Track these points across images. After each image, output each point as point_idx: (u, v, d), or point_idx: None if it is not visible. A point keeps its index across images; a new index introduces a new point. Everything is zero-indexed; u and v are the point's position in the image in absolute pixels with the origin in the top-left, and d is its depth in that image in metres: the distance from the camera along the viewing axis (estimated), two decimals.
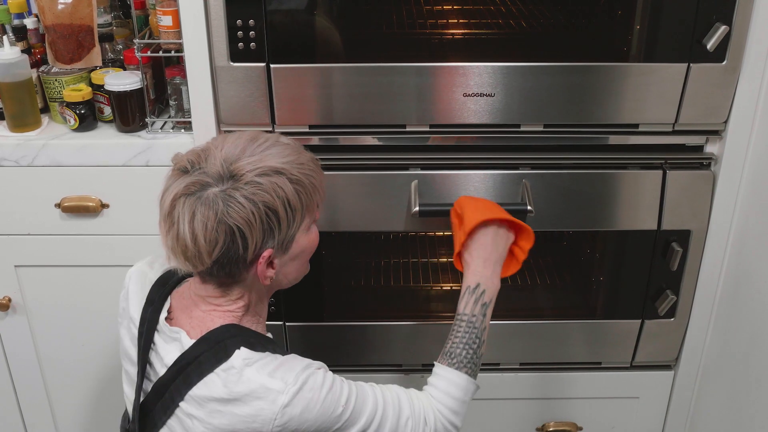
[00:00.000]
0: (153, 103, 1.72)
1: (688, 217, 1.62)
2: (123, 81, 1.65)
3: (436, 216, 1.54)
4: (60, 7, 1.68)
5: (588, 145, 1.60)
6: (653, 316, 1.73)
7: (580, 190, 1.60)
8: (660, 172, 1.58)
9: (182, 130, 1.67)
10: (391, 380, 1.82)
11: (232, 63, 1.48)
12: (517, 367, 1.84)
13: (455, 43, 1.59)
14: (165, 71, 1.70)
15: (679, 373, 1.82)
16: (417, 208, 1.53)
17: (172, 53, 1.62)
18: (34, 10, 1.77)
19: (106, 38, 1.78)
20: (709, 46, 1.44)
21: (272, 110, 1.52)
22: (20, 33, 1.76)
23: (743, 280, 1.59)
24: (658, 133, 1.57)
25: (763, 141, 1.51)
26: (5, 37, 1.63)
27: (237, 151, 1.14)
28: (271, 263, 1.18)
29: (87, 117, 1.67)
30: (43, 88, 1.74)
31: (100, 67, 1.75)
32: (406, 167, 1.59)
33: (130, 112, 1.66)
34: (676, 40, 1.46)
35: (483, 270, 1.35)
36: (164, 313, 1.25)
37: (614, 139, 1.59)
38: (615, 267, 1.74)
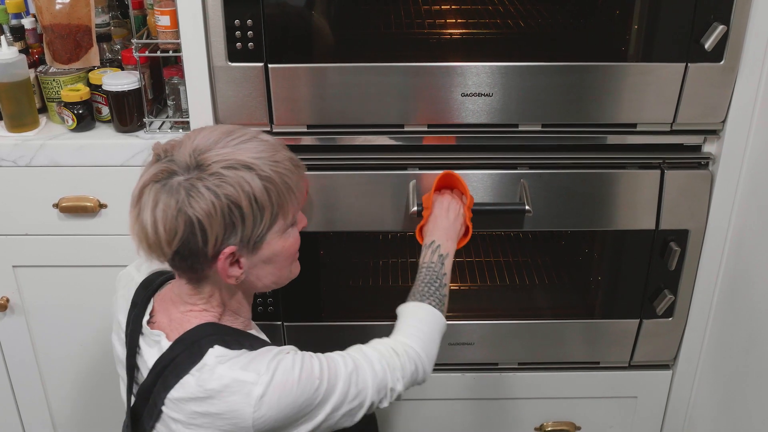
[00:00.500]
0: (151, 103, 1.71)
1: (686, 217, 1.62)
2: (121, 81, 1.65)
3: None
4: (58, 7, 1.68)
5: (586, 144, 1.60)
6: (651, 315, 1.73)
7: (578, 190, 1.60)
8: (658, 171, 1.58)
9: (180, 130, 1.67)
10: None
11: (230, 63, 1.48)
12: (516, 366, 1.84)
13: (453, 42, 1.59)
14: (163, 71, 1.70)
15: (677, 373, 1.82)
16: (415, 208, 1.53)
17: (170, 53, 1.61)
18: (32, 10, 1.77)
19: (104, 38, 1.77)
20: (707, 46, 1.44)
21: (270, 110, 1.52)
22: (18, 33, 1.75)
23: (741, 279, 1.59)
24: (656, 132, 1.57)
25: (761, 140, 1.51)
26: (3, 37, 1.62)
27: (209, 142, 1.12)
28: (237, 262, 1.15)
29: (85, 117, 1.67)
30: (40, 88, 1.74)
31: (98, 67, 1.75)
32: (404, 167, 1.59)
33: (128, 112, 1.66)
34: (674, 40, 1.46)
35: (436, 231, 1.40)
36: (146, 317, 1.24)
37: (612, 139, 1.59)
38: (613, 267, 1.74)
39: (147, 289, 1.29)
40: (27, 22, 1.76)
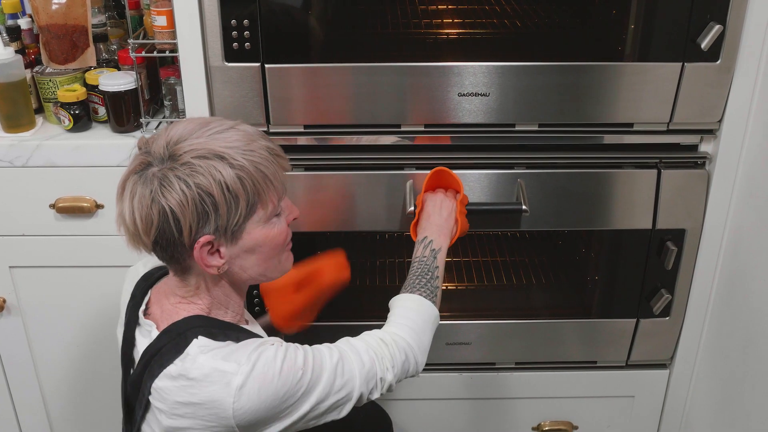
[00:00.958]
0: (148, 103, 1.71)
1: (683, 216, 1.63)
2: (117, 81, 1.64)
3: None
4: (54, 7, 1.67)
5: (583, 144, 1.60)
6: (648, 315, 1.73)
7: (575, 190, 1.60)
8: (655, 171, 1.59)
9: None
10: None
11: (226, 63, 1.48)
12: (513, 366, 1.84)
13: (450, 42, 1.59)
14: (159, 71, 1.70)
15: (674, 372, 1.82)
16: (412, 208, 1.53)
17: (167, 53, 1.61)
18: (28, 10, 1.77)
19: (101, 38, 1.77)
20: (703, 46, 1.44)
21: (267, 110, 1.52)
22: (14, 33, 1.75)
23: (738, 278, 1.60)
24: (652, 132, 1.57)
25: (758, 140, 1.51)
26: None
27: (185, 132, 1.13)
28: (218, 252, 1.15)
29: (81, 117, 1.67)
30: (37, 88, 1.74)
31: (95, 68, 1.75)
32: (401, 167, 1.59)
33: (125, 113, 1.66)
34: (670, 40, 1.46)
35: (428, 228, 1.40)
36: (142, 307, 1.25)
37: (609, 139, 1.59)
38: (610, 266, 1.74)
39: (146, 282, 1.30)
40: (23, 23, 1.76)
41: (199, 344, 1.14)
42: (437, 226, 1.40)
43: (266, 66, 1.48)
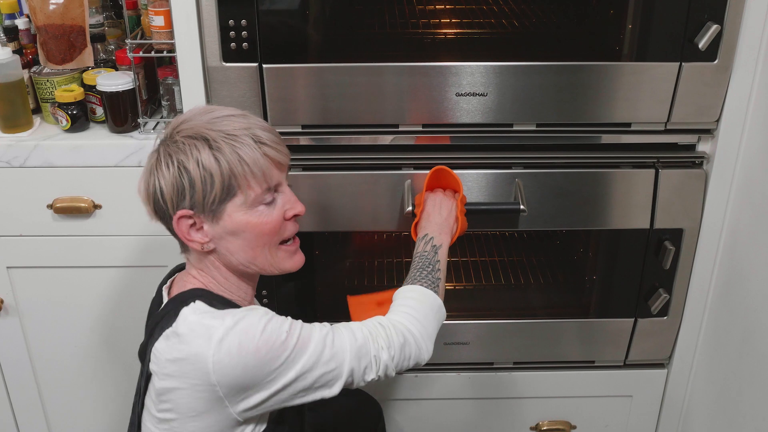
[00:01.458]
0: (145, 103, 1.71)
1: (681, 216, 1.63)
2: (115, 81, 1.64)
3: None
4: (51, 7, 1.67)
5: (580, 144, 1.60)
6: (646, 314, 1.73)
7: (573, 190, 1.60)
8: (652, 170, 1.59)
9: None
10: (386, 381, 1.83)
11: (224, 63, 1.48)
12: (511, 366, 1.84)
13: (447, 42, 1.59)
14: (157, 71, 1.70)
15: (672, 372, 1.82)
16: (410, 208, 1.53)
17: (165, 53, 1.61)
18: (26, 10, 1.76)
19: (98, 39, 1.77)
20: (700, 45, 1.44)
21: (265, 110, 1.52)
22: (11, 33, 1.75)
23: (735, 278, 1.60)
24: (650, 132, 1.58)
25: (755, 139, 1.51)
26: None
27: (191, 116, 1.23)
28: (201, 229, 1.21)
29: (79, 117, 1.67)
30: (34, 88, 1.73)
31: (92, 68, 1.75)
32: (399, 167, 1.59)
33: (123, 113, 1.66)
34: (668, 40, 1.47)
35: (429, 226, 1.41)
36: (166, 284, 1.32)
37: (607, 138, 1.59)
38: (608, 266, 1.74)
39: (179, 267, 1.39)
40: (21, 23, 1.76)
41: (195, 307, 1.18)
42: (437, 224, 1.41)
43: (264, 66, 1.48)
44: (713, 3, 1.43)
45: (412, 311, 1.27)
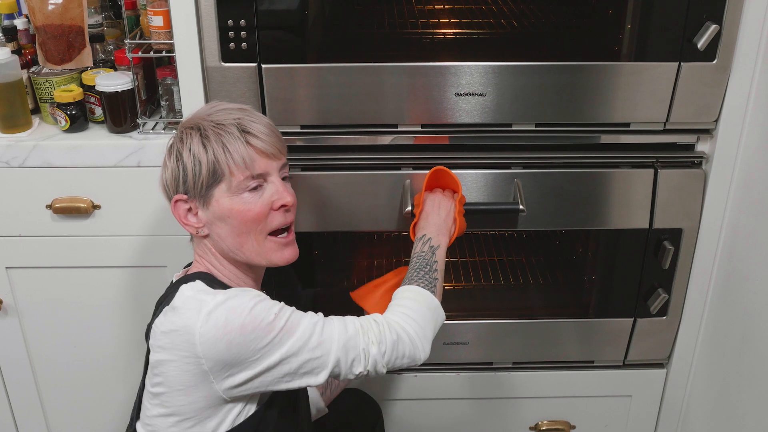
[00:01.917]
0: (144, 103, 1.71)
1: (680, 216, 1.63)
2: (114, 81, 1.64)
3: None
4: (50, 7, 1.67)
5: (579, 144, 1.60)
6: (645, 314, 1.73)
7: (572, 189, 1.60)
8: (651, 170, 1.59)
9: (174, 131, 1.66)
10: (384, 380, 1.83)
11: (223, 63, 1.48)
12: (510, 366, 1.84)
13: (447, 42, 1.59)
14: (156, 72, 1.69)
15: (671, 372, 1.82)
16: (409, 208, 1.53)
17: (164, 54, 1.61)
18: (25, 10, 1.76)
19: (97, 39, 1.77)
20: (699, 45, 1.44)
21: (264, 110, 1.52)
22: (10, 34, 1.75)
23: (735, 277, 1.60)
24: (649, 131, 1.58)
25: (754, 139, 1.52)
26: None
27: (200, 109, 1.32)
28: (196, 214, 1.27)
29: (78, 118, 1.67)
30: (33, 89, 1.73)
31: (91, 68, 1.74)
32: (398, 167, 1.59)
33: (122, 113, 1.66)
34: (667, 39, 1.47)
35: (427, 227, 1.42)
36: (179, 273, 1.36)
37: (606, 138, 1.59)
38: (607, 266, 1.74)
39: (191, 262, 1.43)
40: (19, 23, 1.76)
41: (193, 284, 1.23)
42: (436, 225, 1.41)
43: (263, 66, 1.48)
44: (712, 3, 1.43)
45: (408, 311, 1.28)
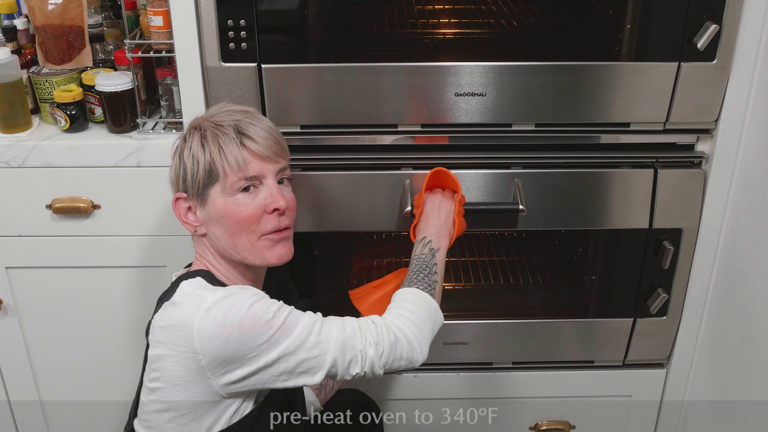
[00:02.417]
0: (144, 103, 1.71)
1: (680, 216, 1.63)
2: (114, 81, 1.64)
3: None
4: (50, 7, 1.67)
5: (579, 144, 1.60)
6: (645, 314, 1.73)
7: (572, 189, 1.60)
8: (651, 170, 1.59)
9: (174, 131, 1.66)
10: (384, 380, 1.83)
11: (223, 63, 1.48)
12: (510, 366, 1.84)
13: (446, 42, 1.59)
14: (156, 72, 1.69)
15: (671, 372, 1.82)
16: (409, 208, 1.53)
17: (163, 54, 1.61)
18: (24, 10, 1.76)
19: (97, 39, 1.77)
20: (699, 45, 1.44)
21: (263, 110, 1.52)
22: (10, 34, 1.75)
23: (735, 277, 1.60)
24: (649, 131, 1.58)
25: (754, 139, 1.52)
26: None
27: (210, 108, 1.34)
28: (195, 213, 1.29)
29: (78, 118, 1.67)
30: (33, 89, 1.73)
31: (91, 68, 1.74)
32: (398, 167, 1.59)
33: (122, 113, 1.66)
34: (666, 39, 1.47)
35: (427, 228, 1.43)
36: (179, 272, 1.35)
37: (606, 138, 1.59)
38: (607, 266, 1.74)
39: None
40: (19, 23, 1.76)
41: (193, 281, 1.23)
42: (436, 227, 1.41)
43: (263, 66, 1.48)
44: (712, 3, 1.43)
45: (407, 313, 1.28)
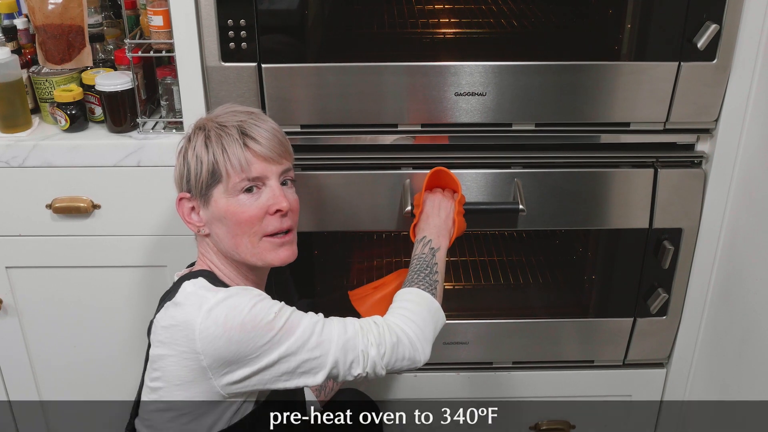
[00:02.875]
0: (144, 103, 1.71)
1: (680, 216, 1.63)
2: (114, 81, 1.64)
3: None
4: (50, 7, 1.67)
5: (579, 143, 1.60)
6: (645, 314, 1.73)
7: (572, 189, 1.60)
8: (651, 170, 1.59)
9: (174, 131, 1.66)
10: (384, 380, 1.83)
11: (223, 63, 1.48)
12: (510, 365, 1.84)
13: (447, 42, 1.59)
14: (156, 71, 1.69)
15: (671, 371, 1.82)
16: (409, 208, 1.53)
17: (163, 53, 1.61)
18: (24, 10, 1.76)
19: (97, 38, 1.77)
20: (699, 45, 1.44)
21: (263, 110, 1.52)
22: (10, 33, 1.75)
23: (734, 277, 1.60)
24: (649, 131, 1.58)
25: (754, 139, 1.51)
26: None
27: (216, 109, 1.34)
28: (198, 213, 1.29)
29: (78, 117, 1.67)
30: (33, 88, 1.73)
31: (91, 68, 1.74)
32: (398, 167, 1.59)
33: (122, 113, 1.66)
34: (667, 39, 1.47)
35: (427, 228, 1.43)
36: (184, 269, 1.36)
37: (606, 138, 1.59)
38: (607, 265, 1.74)
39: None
40: (19, 23, 1.76)
41: (195, 281, 1.24)
42: (436, 227, 1.41)
43: (263, 66, 1.48)
44: (712, 2, 1.43)
45: (408, 313, 1.28)
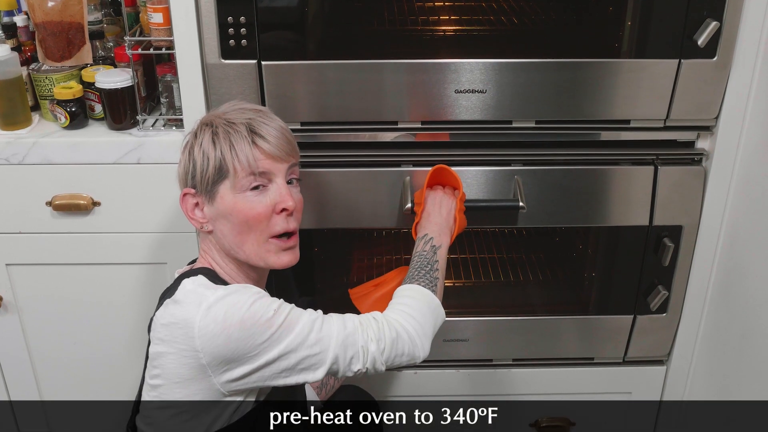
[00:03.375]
0: (144, 100, 1.71)
1: (680, 213, 1.63)
2: (114, 78, 1.64)
3: None
4: (50, 4, 1.67)
5: (580, 141, 1.60)
6: (645, 311, 1.73)
7: (572, 186, 1.60)
8: (651, 167, 1.59)
9: (174, 128, 1.66)
10: (384, 377, 1.83)
11: (223, 60, 1.48)
12: (510, 363, 1.85)
13: (447, 39, 1.59)
14: (156, 69, 1.69)
15: (671, 369, 1.83)
16: (410, 205, 1.53)
17: (163, 50, 1.61)
18: (24, 7, 1.76)
19: (97, 36, 1.77)
20: (700, 42, 1.44)
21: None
22: (10, 31, 1.75)
23: (735, 274, 1.60)
24: (649, 128, 1.58)
25: (754, 136, 1.51)
26: None
27: (222, 105, 1.34)
28: (202, 209, 1.29)
29: (78, 115, 1.67)
30: (33, 86, 1.73)
31: (91, 65, 1.74)
32: (398, 164, 1.59)
33: (122, 110, 1.66)
34: (667, 36, 1.47)
35: (428, 226, 1.42)
36: (184, 266, 1.36)
37: (606, 135, 1.59)
38: (607, 263, 1.74)
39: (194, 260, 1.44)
40: (19, 20, 1.76)
41: (195, 279, 1.23)
42: (437, 225, 1.42)
43: (263, 63, 1.48)
44: (712, 0, 1.43)
45: (408, 309, 1.28)
